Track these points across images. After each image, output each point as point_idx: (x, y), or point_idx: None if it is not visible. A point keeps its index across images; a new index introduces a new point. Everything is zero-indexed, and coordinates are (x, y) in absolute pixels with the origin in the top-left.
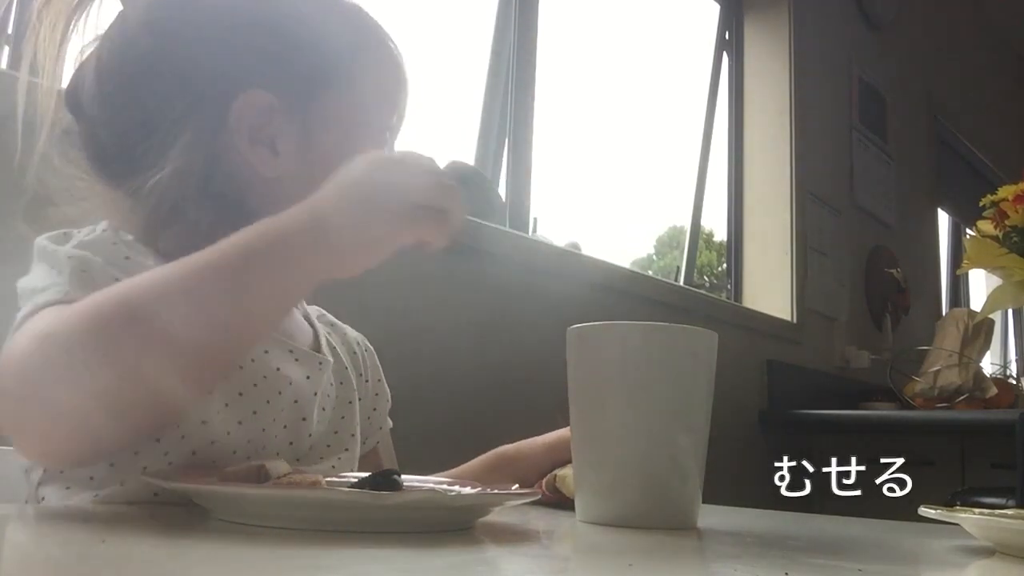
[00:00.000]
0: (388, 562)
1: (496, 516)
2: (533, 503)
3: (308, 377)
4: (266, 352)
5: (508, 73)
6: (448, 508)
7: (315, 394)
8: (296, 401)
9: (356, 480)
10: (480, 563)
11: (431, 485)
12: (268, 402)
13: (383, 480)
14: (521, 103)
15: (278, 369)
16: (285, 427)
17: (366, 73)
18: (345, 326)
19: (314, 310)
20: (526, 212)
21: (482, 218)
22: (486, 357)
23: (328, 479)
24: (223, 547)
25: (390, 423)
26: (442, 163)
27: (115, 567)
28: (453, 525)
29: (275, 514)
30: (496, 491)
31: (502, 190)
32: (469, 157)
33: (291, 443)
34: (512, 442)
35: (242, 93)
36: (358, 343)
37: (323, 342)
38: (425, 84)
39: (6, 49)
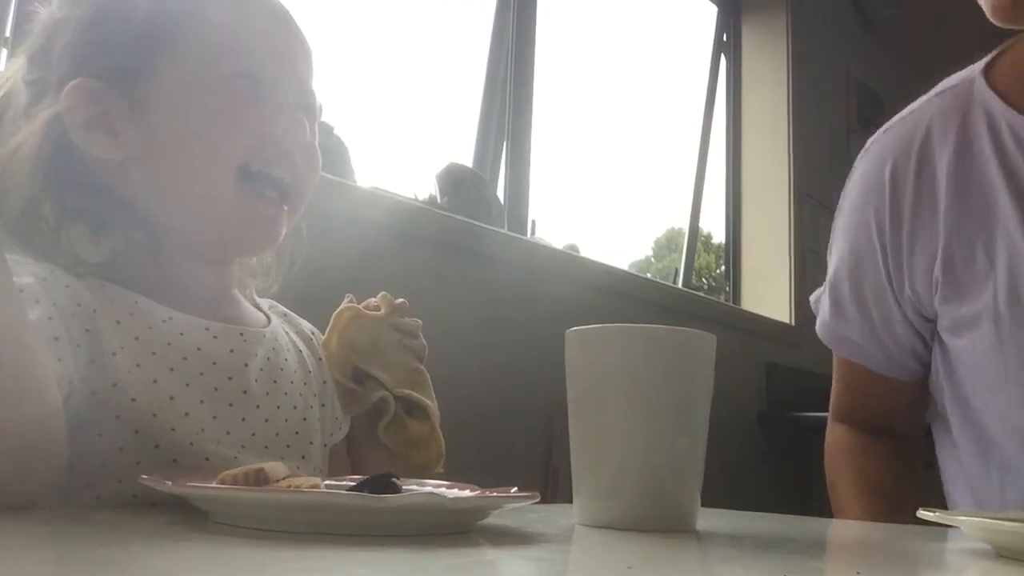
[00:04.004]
0: (387, 565)
1: (495, 519)
2: (532, 505)
3: (232, 351)
4: (182, 335)
5: (506, 75)
6: (447, 511)
7: (246, 365)
8: (231, 378)
9: (354, 483)
10: (479, 566)
11: (430, 488)
12: (201, 374)
13: (382, 483)
14: (519, 105)
15: (199, 349)
16: (231, 405)
17: (197, 31)
18: (299, 318)
19: (265, 302)
20: (524, 214)
21: (480, 220)
22: (484, 359)
23: (327, 482)
24: (222, 550)
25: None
26: (441, 165)
27: (114, 570)
28: (452, 528)
29: (274, 517)
30: (495, 494)
31: (500, 192)
32: (467, 159)
33: (244, 419)
34: (509, 446)
35: (67, 83)
36: (313, 332)
37: (274, 327)
38: (424, 86)
39: (4, 52)
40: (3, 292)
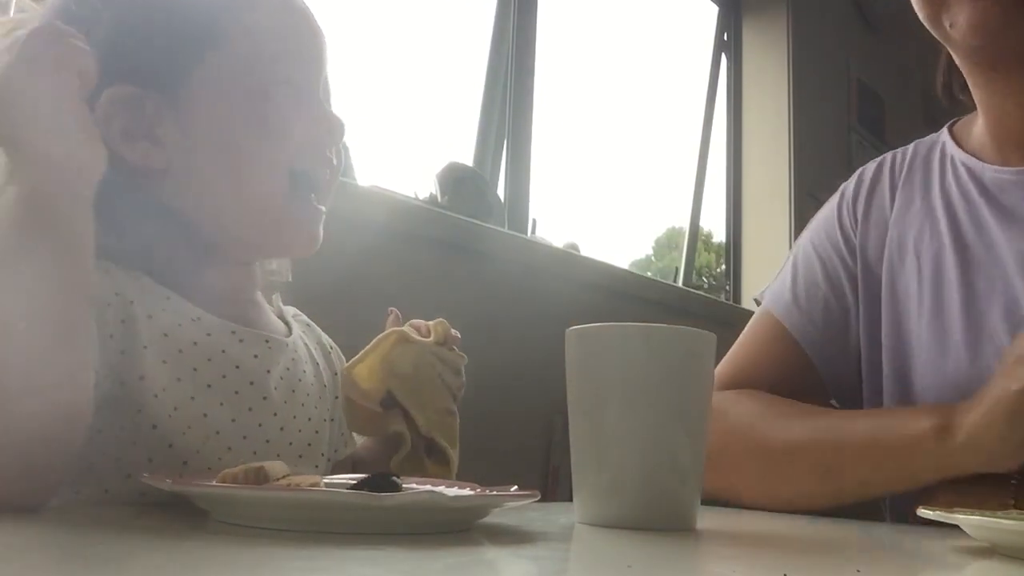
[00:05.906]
0: (387, 564)
1: (495, 517)
2: (532, 504)
3: (256, 356)
4: (208, 335)
5: (507, 74)
6: (447, 509)
7: (268, 372)
8: (252, 383)
9: (355, 481)
10: (479, 564)
11: (429, 486)
12: (223, 376)
13: (382, 481)
14: (520, 104)
15: (223, 351)
16: (250, 410)
17: (238, 37)
18: (319, 330)
19: (290, 310)
20: (525, 213)
21: (480, 219)
22: (484, 358)
23: (327, 480)
24: (222, 548)
25: None
26: (441, 164)
27: (113, 569)
28: (452, 526)
29: (274, 515)
30: (496, 492)
31: (501, 191)
32: (468, 158)
33: (260, 425)
34: (509, 445)
35: (103, 91)
36: (332, 346)
37: (295, 338)
38: (424, 85)
39: None
40: (73, 274)
